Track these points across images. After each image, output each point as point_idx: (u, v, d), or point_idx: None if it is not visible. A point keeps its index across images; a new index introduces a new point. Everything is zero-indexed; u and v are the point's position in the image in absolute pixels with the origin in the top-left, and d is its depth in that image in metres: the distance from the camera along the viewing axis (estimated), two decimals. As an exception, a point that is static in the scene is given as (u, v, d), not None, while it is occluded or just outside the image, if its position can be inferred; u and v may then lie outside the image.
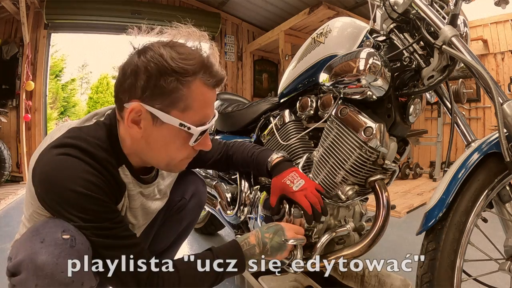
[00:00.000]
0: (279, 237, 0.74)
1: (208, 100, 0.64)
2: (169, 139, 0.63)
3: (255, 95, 4.98)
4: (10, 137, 3.61)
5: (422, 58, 0.79)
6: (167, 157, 0.66)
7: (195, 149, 0.67)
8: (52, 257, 0.51)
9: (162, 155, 0.66)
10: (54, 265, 0.51)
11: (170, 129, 0.62)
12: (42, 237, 0.53)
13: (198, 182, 1.01)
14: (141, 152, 0.66)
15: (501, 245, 0.72)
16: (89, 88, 17.11)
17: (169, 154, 0.65)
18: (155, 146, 0.64)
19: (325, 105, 0.94)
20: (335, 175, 0.84)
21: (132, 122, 0.61)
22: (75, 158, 0.57)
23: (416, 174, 3.85)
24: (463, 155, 0.71)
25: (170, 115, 0.60)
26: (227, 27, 4.80)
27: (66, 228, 0.55)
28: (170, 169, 0.71)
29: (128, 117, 0.60)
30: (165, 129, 0.62)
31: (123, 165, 0.67)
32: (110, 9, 4.00)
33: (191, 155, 0.69)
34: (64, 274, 0.51)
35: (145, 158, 0.67)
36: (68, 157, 0.57)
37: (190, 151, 0.67)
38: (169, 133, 0.62)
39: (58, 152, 0.58)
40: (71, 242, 0.53)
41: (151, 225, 0.89)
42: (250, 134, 1.25)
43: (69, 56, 22.29)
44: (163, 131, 0.62)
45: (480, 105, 4.01)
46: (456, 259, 0.66)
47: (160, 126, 0.61)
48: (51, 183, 0.56)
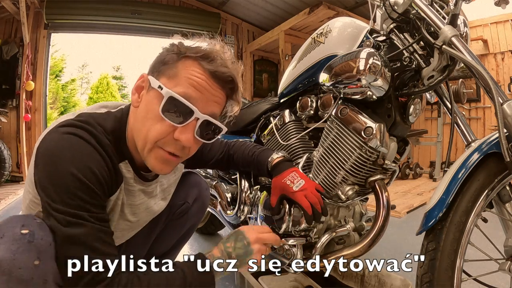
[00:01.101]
0: (241, 242, 0.70)
1: (197, 80, 0.61)
2: (149, 105, 0.62)
3: (255, 95, 4.98)
4: (10, 137, 3.61)
5: (422, 58, 0.79)
6: (144, 130, 0.62)
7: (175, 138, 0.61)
8: (10, 253, 0.49)
9: (141, 128, 0.63)
10: (11, 261, 0.49)
11: (153, 94, 0.62)
12: (2, 233, 0.52)
13: (202, 186, 1.00)
14: (134, 132, 0.65)
15: (501, 245, 0.72)
16: (89, 88, 17.13)
17: (146, 125, 0.62)
18: (140, 116, 0.64)
19: (325, 105, 0.94)
20: (335, 175, 0.84)
21: (135, 89, 0.65)
22: (82, 140, 0.57)
23: (416, 174, 3.85)
24: (463, 155, 0.71)
25: (158, 81, 0.62)
26: (227, 27, 4.79)
27: (27, 222, 0.53)
28: (145, 156, 0.64)
29: (135, 85, 0.65)
30: (150, 94, 0.63)
31: (126, 160, 0.67)
32: (110, 9, 4.00)
33: (167, 142, 0.62)
34: (22, 270, 0.49)
35: (136, 141, 0.65)
36: (75, 137, 0.57)
37: (165, 132, 0.61)
38: (151, 98, 0.62)
39: (66, 130, 0.58)
40: (29, 237, 0.51)
41: (153, 228, 0.88)
42: (250, 134, 1.25)
43: (69, 56, 22.31)
44: (149, 97, 0.63)
45: (480, 105, 4.01)
46: (456, 259, 0.66)
47: (149, 92, 0.63)
48: (51, 159, 0.55)
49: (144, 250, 0.92)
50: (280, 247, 0.86)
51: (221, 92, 0.65)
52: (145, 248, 0.92)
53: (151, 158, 0.64)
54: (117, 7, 4.02)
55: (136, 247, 0.88)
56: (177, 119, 0.61)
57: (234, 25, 4.89)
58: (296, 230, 0.87)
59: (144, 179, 0.72)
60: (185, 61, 0.62)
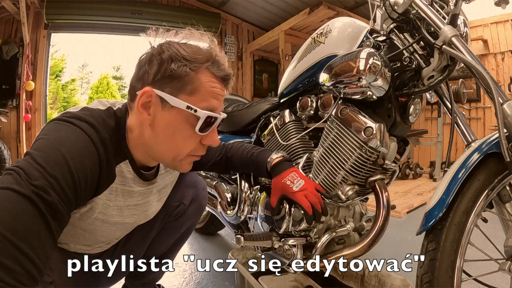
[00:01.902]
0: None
1: (215, 91, 0.63)
2: (176, 124, 0.62)
3: (255, 95, 4.98)
4: (10, 137, 3.61)
5: (422, 58, 0.79)
6: (174, 148, 0.64)
7: (202, 143, 0.66)
8: None
9: (169, 145, 0.64)
10: None
11: (178, 113, 0.61)
12: None
13: (198, 186, 0.98)
14: (148, 144, 0.64)
15: (501, 245, 0.72)
16: (89, 88, 17.12)
17: (175, 143, 0.63)
18: (163, 135, 0.63)
19: (325, 105, 0.94)
20: (335, 175, 0.84)
21: (142, 106, 0.61)
22: (82, 131, 0.56)
23: (416, 174, 3.85)
24: (463, 155, 0.71)
25: (178, 99, 0.60)
26: (227, 27, 4.80)
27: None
28: (176, 165, 0.67)
29: (139, 101, 0.60)
30: (173, 113, 0.61)
31: (126, 160, 0.66)
32: (110, 9, 4.00)
33: (198, 150, 0.66)
34: None
35: (152, 151, 0.65)
36: (75, 127, 0.56)
37: (197, 143, 0.65)
38: (176, 118, 0.61)
39: (68, 119, 0.57)
40: None
41: (149, 230, 0.88)
42: (250, 134, 1.26)
43: (69, 56, 22.29)
44: (171, 116, 0.61)
45: (480, 105, 4.01)
46: (456, 259, 0.66)
47: (169, 110, 0.61)
48: (48, 136, 0.53)
49: (141, 252, 0.91)
50: (280, 247, 0.86)
51: (225, 89, 0.68)
52: (141, 250, 0.91)
53: (183, 165, 0.67)
54: (117, 7, 4.02)
55: (133, 249, 0.87)
56: (206, 130, 0.64)
57: (234, 25, 4.89)
58: (296, 230, 0.87)
59: (144, 179, 0.72)
60: (199, 73, 0.62)
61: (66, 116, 0.58)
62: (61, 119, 0.58)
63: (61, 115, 0.59)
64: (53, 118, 0.60)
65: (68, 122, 0.57)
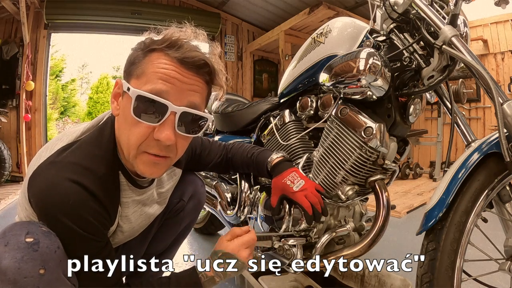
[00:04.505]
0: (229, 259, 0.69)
1: (166, 72, 0.57)
2: (125, 111, 0.58)
3: (255, 95, 4.98)
4: (10, 137, 3.61)
5: (422, 58, 0.79)
6: (125, 138, 0.60)
7: (155, 138, 0.58)
8: (15, 262, 0.48)
9: (123, 136, 0.61)
10: (16, 269, 0.48)
11: (126, 99, 0.58)
12: (6, 240, 0.51)
13: (197, 183, 1.00)
14: (119, 140, 0.63)
15: (501, 245, 0.72)
16: (89, 88, 17.08)
17: (126, 133, 0.59)
18: (120, 125, 0.61)
19: (325, 105, 0.94)
20: (335, 175, 0.84)
21: (113, 96, 0.62)
22: (75, 185, 0.56)
23: (416, 174, 3.85)
24: (463, 155, 0.71)
25: (128, 83, 0.58)
26: (227, 27, 4.79)
27: (31, 230, 0.52)
28: (133, 163, 0.61)
29: (112, 93, 0.61)
30: (125, 99, 0.59)
31: (119, 171, 0.66)
32: (110, 9, 3.99)
33: (148, 145, 0.59)
34: (27, 279, 0.48)
35: (122, 150, 0.63)
36: (68, 184, 0.55)
37: (145, 135, 0.58)
38: (126, 104, 0.58)
39: (57, 173, 0.56)
40: (33, 246, 0.50)
41: (149, 228, 0.88)
42: (250, 134, 1.25)
43: (69, 56, 22.26)
44: (123, 103, 0.59)
45: (480, 105, 4.01)
46: (456, 259, 0.66)
47: (123, 97, 0.59)
48: (46, 208, 0.55)
49: (141, 250, 0.92)
50: (280, 247, 0.86)
51: (197, 79, 0.60)
52: (142, 248, 0.92)
53: (138, 164, 0.61)
54: (117, 7, 4.02)
55: (133, 247, 0.87)
56: (154, 119, 0.57)
57: (234, 25, 4.89)
58: (296, 230, 0.87)
59: (138, 187, 0.71)
60: (151, 56, 0.58)
61: (58, 167, 0.58)
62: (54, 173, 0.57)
63: (52, 163, 0.58)
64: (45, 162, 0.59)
65: (62, 179, 0.56)
